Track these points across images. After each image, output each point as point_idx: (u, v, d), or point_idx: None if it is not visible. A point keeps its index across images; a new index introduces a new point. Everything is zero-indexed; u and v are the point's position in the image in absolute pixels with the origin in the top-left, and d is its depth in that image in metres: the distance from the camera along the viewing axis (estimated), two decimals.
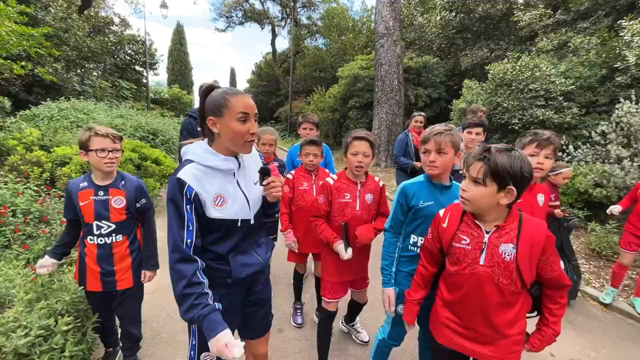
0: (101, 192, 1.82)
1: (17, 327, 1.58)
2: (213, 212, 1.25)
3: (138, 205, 1.92)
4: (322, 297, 2.11)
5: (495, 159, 1.17)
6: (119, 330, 2.15)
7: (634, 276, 3.69)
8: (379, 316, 2.78)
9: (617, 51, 5.83)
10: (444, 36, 11.99)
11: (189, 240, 1.20)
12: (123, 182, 1.89)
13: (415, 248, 1.68)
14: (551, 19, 8.37)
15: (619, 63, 5.64)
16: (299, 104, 17.94)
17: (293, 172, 2.54)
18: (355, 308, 2.43)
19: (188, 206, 1.21)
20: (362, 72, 12.41)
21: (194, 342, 1.41)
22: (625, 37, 5.57)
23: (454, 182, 1.70)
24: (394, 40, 10.16)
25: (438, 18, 11.66)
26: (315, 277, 2.66)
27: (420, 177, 1.73)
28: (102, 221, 1.82)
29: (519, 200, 1.25)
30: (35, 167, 4.47)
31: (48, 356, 1.58)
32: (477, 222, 1.30)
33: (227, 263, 1.32)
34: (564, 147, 4.99)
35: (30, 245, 2.85)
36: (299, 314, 2.78)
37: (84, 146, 1.77)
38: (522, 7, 9.82)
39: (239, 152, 1.32)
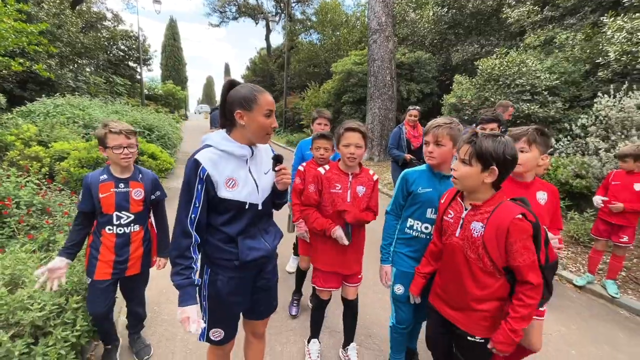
0: (122, 185, 1.91)
1: (32, 303, 1.73)
2: (224, 193, 1.38)
3: (153, 197, 2.03)
4: (314, 285, 2.15)
5: (481, 143, 1.34)
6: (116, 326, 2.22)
7: (608, 260, 3.93)
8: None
9: (600, 47, 6.04)
10: (436, 32, 12.14)
11: (192, 215, 1.35)
12: (141, 175, 1.99)
13: (411, 231, 1.82)
14: (539, 15, 8.55)
15: (600, 59, 5.85)
16: (293, 100, 18.01)
17: (304, 164, 2.52)
18: (347, 318, 2.27)
19: (199, 185, 1.34)
20: (355, 68, 12.54)
21: (205, 319, 1.53)
22: (607, 34, 5.77)
23: None
24: (386, 36, 10.29)
25: (430, 14, 11.79)
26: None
27: (422, 166, 1.85)
28: (123, 212, 1.92)
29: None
30: (35, 162, 4.58)
31: (61, 329, 1.74)
32: (461, 200, 1.49)
33: (235, 246, 1.43)
34: None
35: (34, 235, 2.99)
36: (295, 304, 2.83)
37: (102, 142, 1.86)
38: (512, 3, 10.00)
39: (258, 142, 1.46)
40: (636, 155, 3.03)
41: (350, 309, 2.20)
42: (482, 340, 1.44)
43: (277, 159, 1.54)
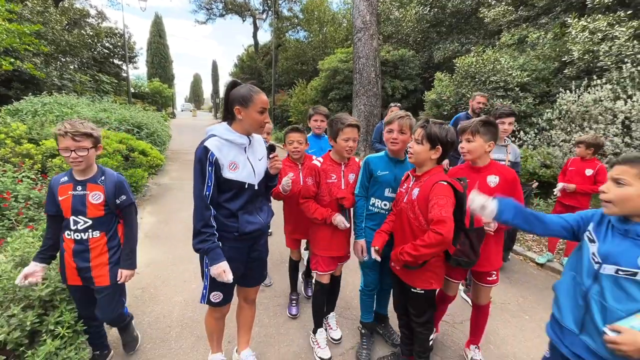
0: (79, 187, 1.79)
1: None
2: (228, 174, 1.66)
3: (118, 201, 1.88)
4: (315, 271, 2.29)
5: (431, 128, 1.74)
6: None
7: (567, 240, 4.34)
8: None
9: (566, 46, 6.46)
10: (419, 30, 12.50)
11: (207, 193, 1.63)
12: (103, 178, 1.86)
13: (373, 208, 2.14)
14: (514, 15, 8.96)
15: (567, 57, 6.26)
16: (282, 97, 18.16)
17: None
18: (331, 293, 2.46)
19: (210, 167, 1.62)
20: (341, 65, 12.80)
21: (206, 284, 1.81)
22: (572, 34, 6.18)
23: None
24: (371, 34, 10.57)
25: (413, 12, 12.13)
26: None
27: (381, 153, 2.16)
28: (79, 216, 1.79)
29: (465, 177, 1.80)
30: (27, 159, 4.70)
31: (66, 303, 1.97)
32: (411, 175, 1.87)
33: (236, 220, 1.72)
34: (516, 133, 5.59)
35: (34, 226, 3.17)
36: (294, 304, 2.81)
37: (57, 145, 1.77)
38: (491, 2, 10.41)
39: (253, 133, 1.77)
40: (588, 143, 3.40)
41: (337, 284, 2.46)
42: (423, 291, 1.82)
43: (271, 148, 1.86)
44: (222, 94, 36.45)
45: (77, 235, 1.81)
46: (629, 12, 5.81)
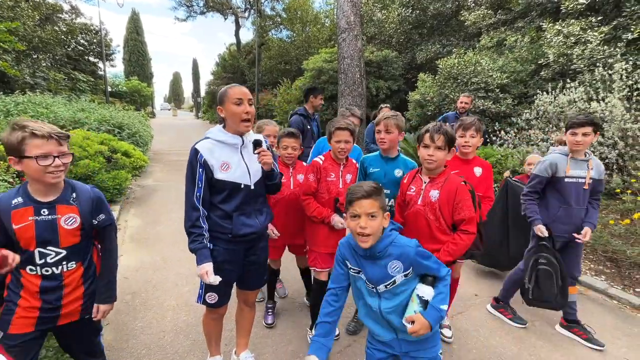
0: (45, 211, 1.37)
1: None
2: (219, 175, 1.68)
3: (95, 222, 1.50)
4: (313, 268, 2.35)
5: (448, 132, 1.79)
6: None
7: None
8: None
9: (542, 49, 6.76)
10: (401, 31, 12.72)
11: (198, 194, 1.66)
12: (74, 195, 1.45)
13: None
14: (492, 18, 9.28)
15: (542, 60, 6.56)
16: (266, 96, 18.03)
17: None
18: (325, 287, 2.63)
19: (200, 169, 1.65)
20: (326, 65, 12.84)
21: (202, 283, 1.80)
22: (547, 37, 6.48)
23: (400, 155, 2.26)
24: (355, 34, 10.66)
25: (396, 14, 12.33)
26: (300, 269, 2.79)
27: (376, 152, 2.30)
28: (49, 247, 1.39)
29: (457, 170, 1.93)
30: (2, 162, 4.47)
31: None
32: (421, 176, 1.93)
33: (230, 221, 1.72)
34: (497, 132, 5.81)
35: None
36: (270, 313, 2.70)
37: (16, 151, 1.29)
38: (471, 4, 10.74)
39: (239, 129, 1.72)
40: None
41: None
42: None
43: (256, 143, 1.81)
44: (203, 93, 35.69)
45: (47, 270, 1.40)
46: (599, 17, 6.15)
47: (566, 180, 2.32)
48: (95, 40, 16.89)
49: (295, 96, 14.27)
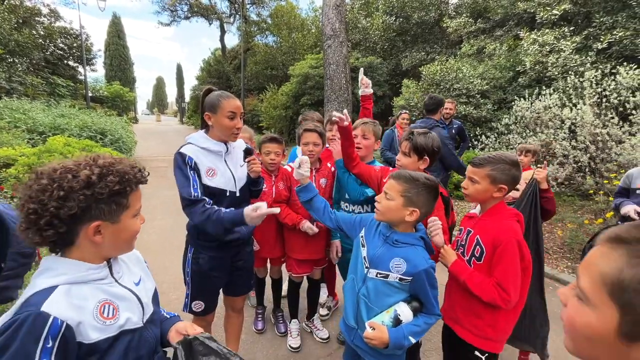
0: None
1: None
2: (206, 181, 1.63)
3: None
4: (289, 273, 2.38)
5: (416, 139, 1.76)
6: None
7: None
8: None
9: (519, 57, 7.06)
10: (386, 38, 12.99)
11: (195, 193, 1.54)
12: None
13: (345, 210, 2.22)
14: (473, 26, 9.62)
15: (520, 67, 6.84)
16: (251, 102, 17.99)
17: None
18: (312, 295, 2.56)
19: (191, 171, 1.58)
20: (312, 71, 12.96)
21: (188, 292, 1.79)
22: (524, 46, 6.77)
23: (375, 161, 2.26)
24: (340, 41, 10.82)
25: (380, 21, 12.60)
26: (272, 278, 2.69)
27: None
28: None
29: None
30: None
31: None
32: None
33: None
34: (479, 137, 6.01)
35: None
36: (259, 319, 2.69)
37: None
38: (452, 14, 11.10)
39: (228, 140, 1.71)
40: (527, 150, 3.54)
41: (316, 287, 2.54)
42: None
43: (247, 152, 1.83)
44: (188, 98, 35.17)
45: None
46: (571, 28, 6.48)
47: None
48: (75, 45, 16.50)
49: (281, 101, 14.32)
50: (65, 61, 17.05)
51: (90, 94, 16.28)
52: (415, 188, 1.32)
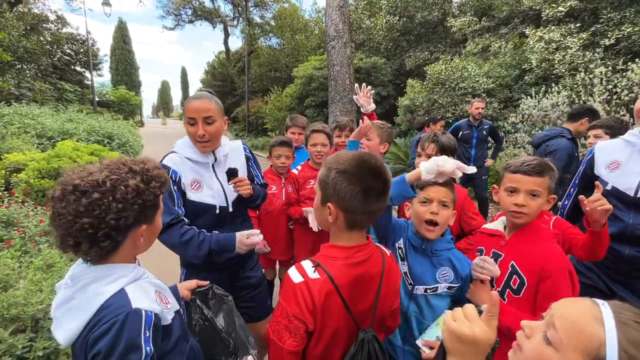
0: None
1: (30, 300, 1.86)
2: (191, 195, 1.44)
3: None
4: None
5: (441, 140, 1.77)
6: None
7: None
8: None
9: (525, 55, 6.99)
10: (389, 38, 12.96)
11: (180, 211, 1.40)
12: None
13: None
14: (477, 25, 9.56)
15: (526, 65, 6.77)
16: (256, 104, 18.07)
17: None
18: None
19: (174, 187, 1.40)
20: (316, 72, 12.99)
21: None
22: (530, 44, 6.71)
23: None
24: (344, 42, 10.82)
25: (383, 22, 12.58)
26: (282, 280, 2.70)
27: None
28: None
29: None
30: None
31: None
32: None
33: None
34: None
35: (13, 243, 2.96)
36: None
37: None
38: (456, 13, 11.04)
39: (197, 147, 1.46)
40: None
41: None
42: None
43: (230, 173, 1.51)
44: None
45: None
46: (578, 24, 6.40)
47: None
48: (82, 50, 16.73)
49: (285, 103, 14.36)
50: (73, 67, 17.29)
51: (97, 99, 16.50)
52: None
